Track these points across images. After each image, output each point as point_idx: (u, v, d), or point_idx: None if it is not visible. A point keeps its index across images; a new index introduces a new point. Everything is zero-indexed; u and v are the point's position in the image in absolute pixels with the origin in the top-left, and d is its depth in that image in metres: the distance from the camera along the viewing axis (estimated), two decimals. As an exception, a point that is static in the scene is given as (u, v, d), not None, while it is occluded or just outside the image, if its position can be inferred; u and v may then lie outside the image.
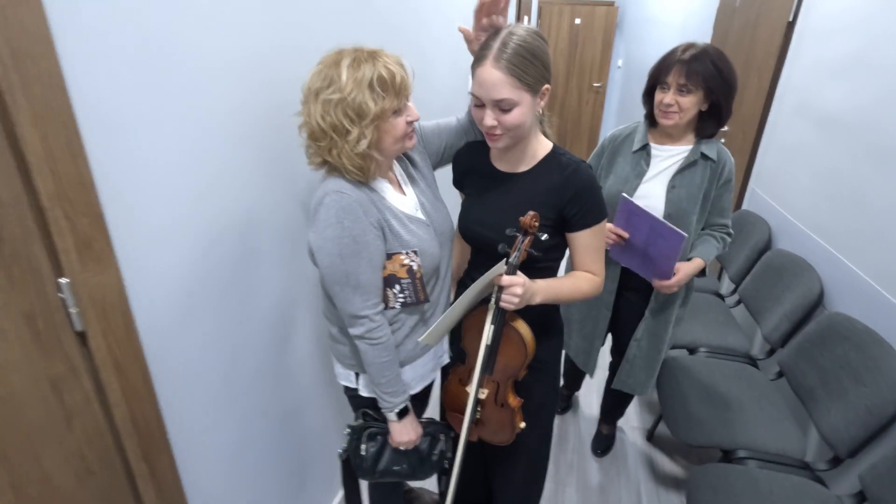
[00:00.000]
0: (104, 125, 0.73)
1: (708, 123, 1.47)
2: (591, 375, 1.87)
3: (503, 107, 0.97)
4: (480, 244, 1.16)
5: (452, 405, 1.25)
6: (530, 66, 0.95)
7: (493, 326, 1.04)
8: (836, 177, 1.84)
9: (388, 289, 1.07)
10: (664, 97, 1.42)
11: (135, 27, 0.74)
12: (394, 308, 1.10)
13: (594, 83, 6.04)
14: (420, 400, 1.39)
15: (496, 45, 0.95)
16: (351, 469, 1.21)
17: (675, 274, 1.49)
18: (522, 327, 1.09)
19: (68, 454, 0.74)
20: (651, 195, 1.53)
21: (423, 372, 1.21)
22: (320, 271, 1.01)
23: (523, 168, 1.12)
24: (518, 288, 0.97)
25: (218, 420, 1.08)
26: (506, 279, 0.98)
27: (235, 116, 0.98)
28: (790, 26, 2.30)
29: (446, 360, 1.29)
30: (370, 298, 1.02)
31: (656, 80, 1.45)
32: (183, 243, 0.89)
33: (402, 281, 1.06)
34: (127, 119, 0.76)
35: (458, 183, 1.25)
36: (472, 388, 1.08)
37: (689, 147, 1.50)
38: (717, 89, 1.39)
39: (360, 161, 0.96)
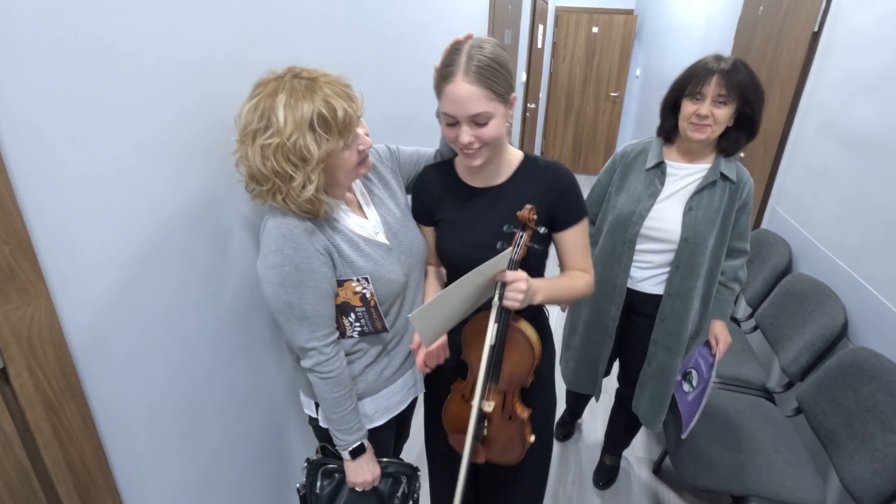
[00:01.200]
0: (35, 140, 0.66)
1: (736, 138, 1.38)
2: (598, 399, 1.77)
3: (479, 121, 0.93)
4: (472, 267, 1.08)
5: (456, 426, 1.15)
6: (500, 77, 0.92)
7: (496, 325, 0.97)
8: (863, 198, 1.71)
9: (344, 317, 0.99)
10: (699, 108, 1.32)
11: (63, 30, 0.67)
12: (352, 337, 1.02)
13: (611, 93, 5.92)
14: (398, 432, 1.30)
15: (462, 59, 0.91)
16: None
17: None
18: (527, 328, 1.04)
19: (-17, 504, 0.67)
20: (665, 217, 1.42)
21: (389, 404, 1.12)
22: (267, 300, 0.94)
23: (500, 180, 1.08)
24: (522, 283, 0.93)
25: (178, 456, 1.00)
26: (509, 274, 0.93)
27: (183, 125, 0.90)
28: (815, 37, 2.17)
29: (420, 389, 1.21)
30: (318, 329, 0.95)
31: (683, 91, 1.35)
32: (127, 268, 0.82)
33: (357, 309, 0.98)
34: (58, 134, 0.68)
35: (425, 213, 1.15)
36: (475, 397, 0.99)
37: (707, 166, 1.40)
38: (754, 101, 1.31)
39: (309, 206, 0.88)
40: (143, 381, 0.89)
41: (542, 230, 1.00)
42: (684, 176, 1.42)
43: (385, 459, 1.12)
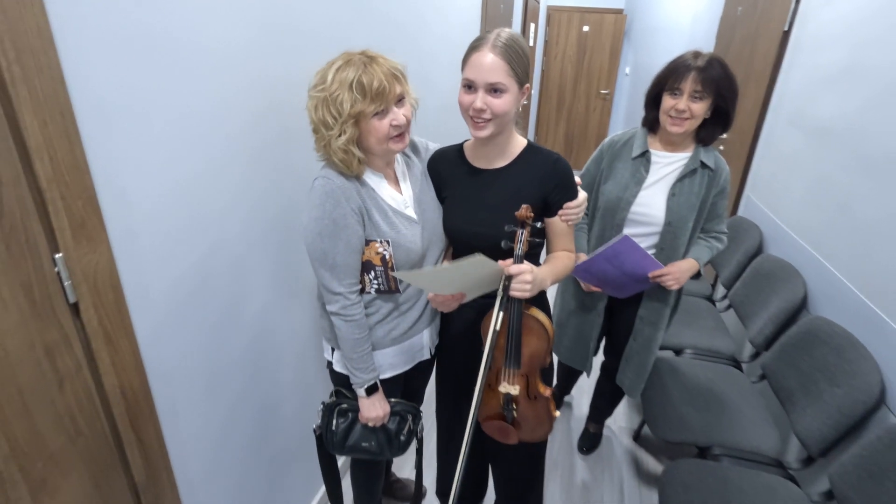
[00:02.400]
0: (100, 115, 0.80)
1: (712, 129, 1.50)
2: (589, 375, 1.91)
3: (495, 88, 1.05)
4: (474, 242, 1.18)
5: (485, 412, 1.24)
6: (521, 59, 1.06)
7: (501, 313, 1.08)
8: (824, 185, 1.86)
9: (365, 274, 1.14)
10: (677, 103, 1.43)
11: (131, 23, 0.81)
12: (370, 293, 1.16)
13: (602, 90, 6.08)
14: (408, 398, 1.43)
15: (492, 36, 1.05)
16: (324, 445, 1.28)
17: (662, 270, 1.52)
18: (539, 314, 1.14)
19: (59, 415, 0.81)
20: (651, 203, 1.55)
21: (394, 362, 1.26)
22: (306, 248, 1.10)
23: (502, 163, 1.18)
24: (528, 275, 1.02)
25: (207, 399, 1.14)
26: (514, 267, 1.03)
27: (230, 110, 1.06)
28: (786, 35, 2.33)
29: (425, 355, 1.33)
30: (346, 278, 1.10)
31: (663, 86, 1.47)
32: (173, 227, 0.96)
33: (377, 268, 1.13)
34: (122, 110, 0.83)
35: (436, 191, 1.25)
36: (479, 373, 1.09)
37: (688, 154, 1.53)
38: (728, 95, 1.43)
39: (343, 155, 1.04)
40: (183, 329, 1.04)
41: (539, 225, 1.08)
42: (667, 164, 1.55)
43: (393, 399, 1.27)
